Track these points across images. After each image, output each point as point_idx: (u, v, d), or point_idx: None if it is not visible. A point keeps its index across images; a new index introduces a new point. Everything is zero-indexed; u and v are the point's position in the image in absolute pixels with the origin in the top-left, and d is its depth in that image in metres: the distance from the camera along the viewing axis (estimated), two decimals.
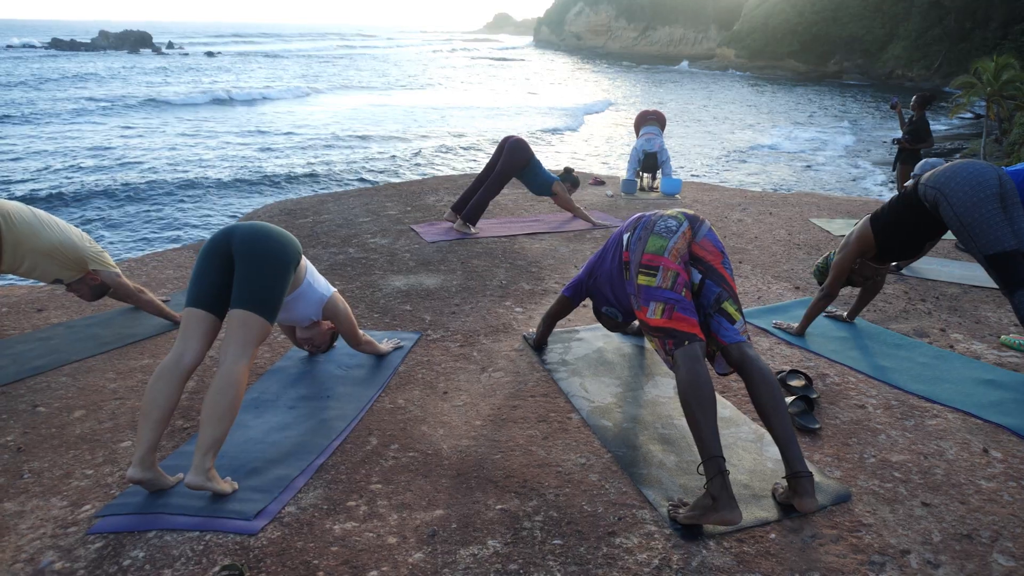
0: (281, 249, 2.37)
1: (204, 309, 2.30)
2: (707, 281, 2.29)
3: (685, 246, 2.29)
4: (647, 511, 2.12)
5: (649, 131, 7.46)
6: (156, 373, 2.22)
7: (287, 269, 2.38)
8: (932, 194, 2.92)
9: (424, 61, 74.15)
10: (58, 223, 3.38)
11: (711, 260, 2.31)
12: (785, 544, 1.96)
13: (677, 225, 2.30)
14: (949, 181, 2.86)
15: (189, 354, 2.26)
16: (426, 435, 2.58)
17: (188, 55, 65.12)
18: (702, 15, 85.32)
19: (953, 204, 2.82)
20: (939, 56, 47.88)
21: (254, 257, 2.30)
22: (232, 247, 2.32)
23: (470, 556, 1.90)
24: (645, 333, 2.32)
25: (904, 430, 2.57)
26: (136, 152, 19.78)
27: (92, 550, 2.00)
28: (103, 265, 3.44)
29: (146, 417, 2.17)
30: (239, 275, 2.29)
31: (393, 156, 20.58)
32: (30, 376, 3.16)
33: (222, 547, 1.96)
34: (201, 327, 2.29)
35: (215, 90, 34.48)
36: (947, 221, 2.90)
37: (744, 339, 2.26)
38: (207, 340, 2.31)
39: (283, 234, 2.44)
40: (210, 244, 2.36)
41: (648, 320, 2.24)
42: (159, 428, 2.17)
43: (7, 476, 2.42)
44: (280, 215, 6.20)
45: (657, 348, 2.26)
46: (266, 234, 2.37)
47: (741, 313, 2.30)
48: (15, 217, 3.20)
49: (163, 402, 2.18)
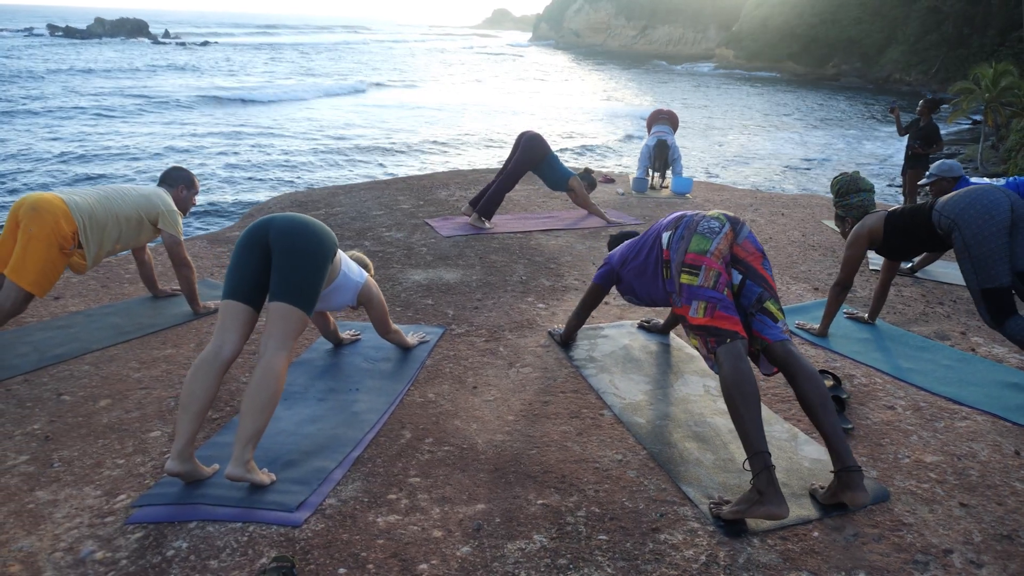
0: (318, 243, 2.36)
1: (242, 301, 2.29)
2: (748, 281, 2.30)
3: (727, 247, 2.30)
4: (688, 508, 2.12)
5: (660, 130, 7.47)
6: (195, 365, 2.21)
7: (325, 262, 2.37)
8: (947, 224, 2.96)
9: (446, 59, 73.36)
10: (124, 188, 3.47)
11: (752, 261, 2.32)
12: (828, 542, 1.97)
13: (720, 226, 2.31)
14: (963, 213, 2.89)
15: (228, 346, 2.25)
16: (460, 429, 2.58)
17: (186, 45, 64.63)
18: (701, 15, 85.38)
19: (965, 236, 2.86)
20: (936, 61, 48.05)
21: (293, 250, 2.29)
22: (270, 239, 2.31)
23: (518, 551, 1.91)
24: (687, 331, 2.33)
25: (935, 432, 2.58)
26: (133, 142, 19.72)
27: (133, 540, 1.99)
28: (168, 226, 3.51)
29: (185, 409, 2.16)
30: (277, 268, 2.28)
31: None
32: (52, 364, 3.14)
33: (267, 538, 1.95)
34: (239, 319, 2.28)
35: (254, 91, 33.74)
36: (956, 250, 2.95)
37: (787, 338, 2.27)
38: (245, 332, 2.30)
39: (320, 227, 2.43)
40: (247, 236, 2.35)
41: (690, 319, 2.25)
42: (198, 420, 2.16)
43: (37, 464, 2.41)
44: (292, 206, 6.17)
45: (699, 347, 2.27)
46: (304, 227, 2.36)
47: (783, 313, 2.31)
48: (84, 204, 3.23)
49: (202, 394, 2.17)
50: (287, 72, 46.26)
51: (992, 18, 43.22)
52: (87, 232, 3.22)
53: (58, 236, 3.10)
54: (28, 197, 3.17)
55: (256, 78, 40.45)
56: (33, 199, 3.14)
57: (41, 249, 3.08)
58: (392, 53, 77.50)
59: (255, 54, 60.24)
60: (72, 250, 3.20)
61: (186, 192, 3.75)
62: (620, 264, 2.86)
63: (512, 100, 37.22)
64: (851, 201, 3.45)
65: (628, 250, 2.82)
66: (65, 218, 3.14)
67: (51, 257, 3.11)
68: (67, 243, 3.15)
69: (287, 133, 22.54)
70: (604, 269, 3.00)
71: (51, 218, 3.09)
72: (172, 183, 3.71)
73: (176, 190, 3.70)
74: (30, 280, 3.07)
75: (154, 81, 35.03)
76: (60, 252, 3.14)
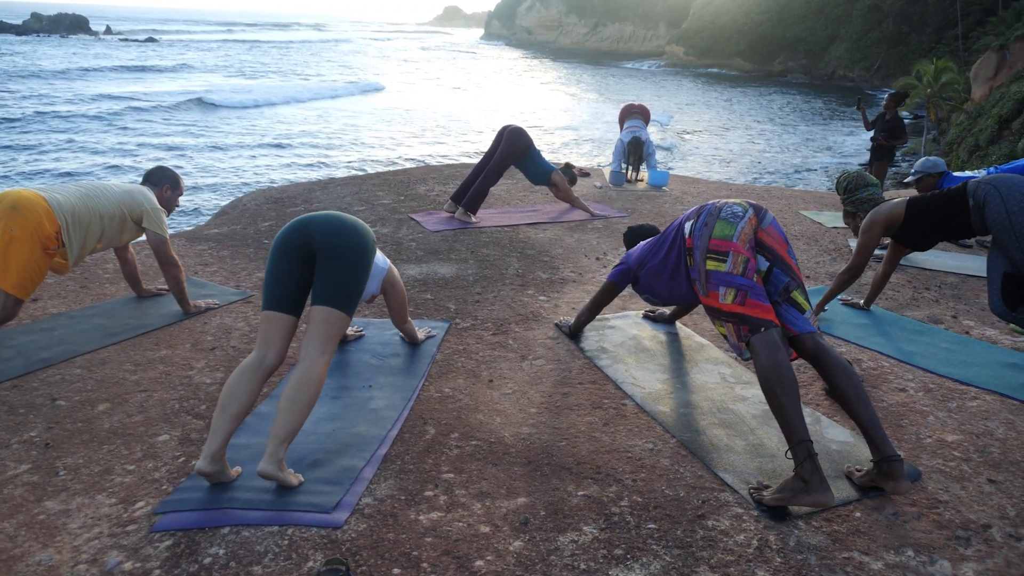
0: (363, 243, 2.31)
1: (284, 312, 2.23)
2: (775, 269, 2.29)
3: (752, 232, 2.29)
4: (728, 494, 2.12)
5: (633, 124, 7.51)
6: (238, 370, 2.15)
7: (370, 261, 2.33)
8: (984, 190, 2.95)
9: (408, 57, 71.83)
10: (107, 185, 3.31)
11: (778, 248, 2.31)
12: (872, 522, 1.99)
13: (743, 211, 2.30)
14: (1008, 182, 2.93)
15: (272, 355, 2.21)
16: (484, 424, 2.53)
17: (129, 41, 62.31)
18: (651, 13, 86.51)
19: (1008, 201, 2.86)
20: (878, 58, 49.71)
21: (340, 254, 2.23)
22: (313, 243, 2.24)
23: (571, 543, 1.88)
24: (713, 318, 2.31)
25: (949, 412, 2.65)
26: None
27: (162, 548, 1.90)
28: (153, 224, 3.36)
29: (223, 410, 2.08)
30: (324, 271, 2.22)
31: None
32: (40, 369, 2.98)
33: (309, 541, 1.88)
34: (282, 330, 2.23)
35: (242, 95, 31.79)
36: (994, 217, 2.90)
37: (815, 329, 2.27)
38: (288, 341, 2.26)
39: (360, 225, 2.37)
40: (286, 241, 2.27)
41: (719, 305, 2.23)
42: (235, 422, 2.09)
43: (41, 473, 2.28)
44: (267, 203, 6.01)
45: (728, 334, 2.24)
46: (346, 227, 2.29)
47: (809, 303, 2.31)
48: (66, 202, 3.07)
49: (244, 396, 2.10)
50: (253, 71, 44.66)
51: (929, 16, 44.92)
52: (70, 232, 3.06)
53: (41, 236, 2.93)
54: (7, 195, 2.98)
55: (218, 77, 38.91)
56: (12, 197, 2.95)
57: (24, 250, 2.90)
58: (361, 52, 75.43)
59: (208, 52, 58.20)
60: (55, 250, 3.03)
61: (171, 192, 3.61)
62: (638, 265, 2.84)
63: (477, 101, 37.02)
64: (861, 196, 3.51)
65: (647, 250, 2.80)
66: (48, 217, 2.97)
67: (34, 258, 2.94)
68: (50, 243, 2.98)
69: (253, 132, 21.92)
70: (621, 268, 2.98)
71: (34, 217, 2.92)
72: (157, 182, 3.56)
73: (160, 189, 3.55)
74: (12, 282, 2.89)
75: (103, 84, 33.08)
76: (43, 253, 2.97)
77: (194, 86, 31.95)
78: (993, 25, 31.29)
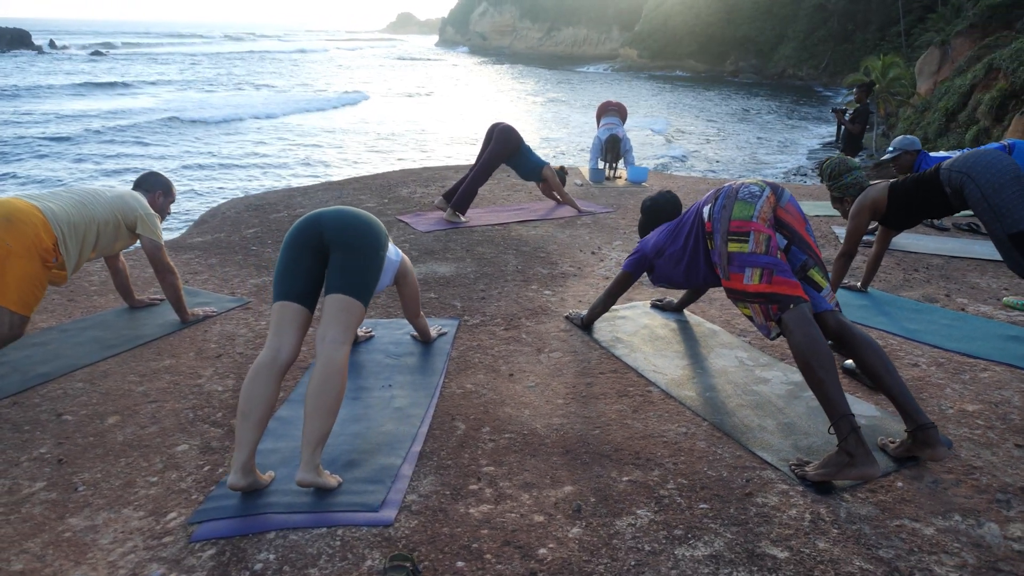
0: (374, 234, 2.28)
1: (298, 303, 2.17)
2: (793, 247, 2.32)
3: (770, 210, 2.31)
4: (770, 471, 2.14)
5: (610, 121, 7.57)
6: (252, 372, 2.06)
7: (383, 252, 2.30)
8: (958, 178, 3.09)
9: (365, 65, 70.55)
10: (98, 190, 3.20)
11: (796, 226, 2.34)
12: (914, 491, 2.03)
13: (760, 191, 2.32)
14: (975, 165, 3.05)
15: (285, 350, 2.12)
16: (513, 416, 2.51)
17: (74, 56, 60.23)
18: (604, 16, 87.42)
19: (981, 186, 2.99)
20: (825, 56, 51.11)
21: (352, 244, 2.19)
22: (324, 236, 2.20)
23: (629, 526, 1.86)
24: (736, 301, 2.32)
25: (964, 383, 2.72)
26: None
27: (206, 558, 1.83)
28: (147, 231, 3.25)
29: (245, 418, 2.00)
30: (337, 262, 2.18)
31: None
32: (39, 384, 2.86)
33: (362, 540, 1.83)
34: (296, 321, 2.16)
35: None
36: (972, 202, 3.06)
37: (833, 307, 2.30)
38: (301, 334, 2.17)
39: (371, 217, 2.34)
40: (298, 235, 2.22)
41: (745, 287, 2.23)
42: (259, 429, 2.02)
43: (59, 490, 2.18)
44: (247, 210, 5.88)
45: (754, 314, 2.25)
46: (357, 219, 2.26)
47: (828, 280, 2.34)
48: (61, 212, 2.94)
49: (263, 401, 2.02)
50: (220, 84, 43.01)
51: (872, 14, 46.37)
52: (67, 243, 2.93)
53: (39, 249, 2.79)
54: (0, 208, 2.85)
55: (170, 91, 37.22)
56: (6, 209, 2.80)
57: (23, 265, 2.75)
58: (331, 62, 73.42)
59: (168, 65, 56.24)
60: (54, 263, 2.91)
61: (163, 199, 3.50)
62: (655, 253, 2.83)
63: (455, 107, 36.83)
64: (846, 181, 3.60)
65: (664, 237, 2.80)
66: (44, 229, 2.83)
67: (34, 272, 2.79)
68: (49, 256, 2.85)
69: (225, 143, 21.32)
70: (635, 256, 2.97)
71: (31, 231, 2.78)
72: (149, 188, 3.45)
73: (153, 196, 3.45)
74: (13, 299, 2.73)
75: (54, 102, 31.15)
76: (43, 266, 2.84)
77: (156, 103, 30.47)
78: (933, 21, 32.43)
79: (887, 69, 26.29)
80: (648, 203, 3.14)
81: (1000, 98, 15.32)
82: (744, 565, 1.70)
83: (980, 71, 17.39)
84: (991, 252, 4.55)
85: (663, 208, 3.06)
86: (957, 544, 1.79)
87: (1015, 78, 15.00)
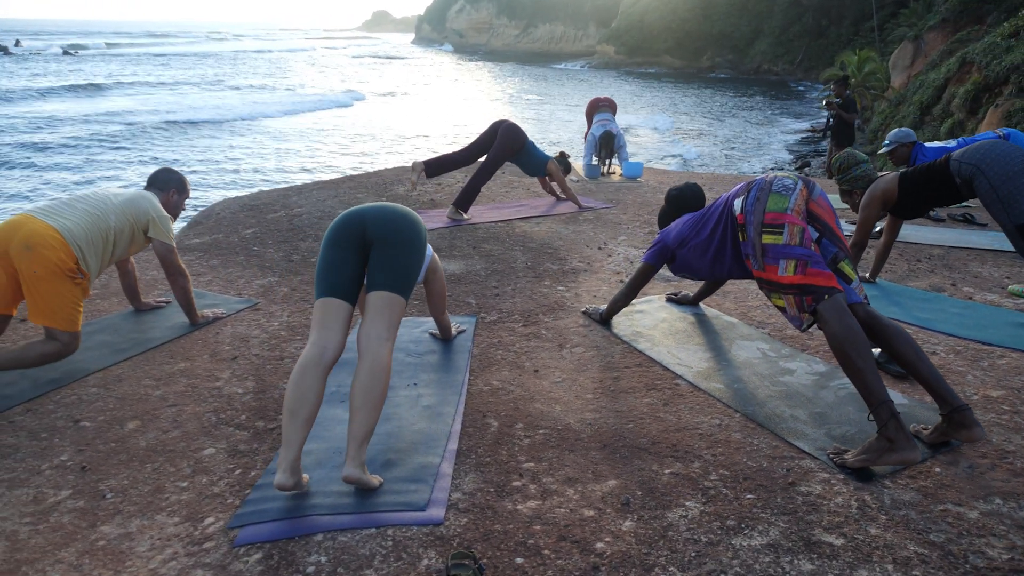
0: (417, 231, 2.28)
1: (341, 298, 2.15)
2: (824, 240, 2.34)
3: (804, 203, 2.33)
4: (809, 461, 2.15)
5: (603, 117, 7.57)
6: (298, 369, 2.03)
7: (423, 248, 2.30)
8: (968, 170, 3.16)
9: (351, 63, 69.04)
10: (108, 196, 3.15)
11: (827, 219, 2.36)
12: (953, 476, 2.05)
13: (793, 184, 2.34)
14: (984, 157, 3.11)
15: (331, 346, 2.10)
16: (544, 412, 2.50)
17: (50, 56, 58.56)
18: (580, 12, 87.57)
19: (990, 177, 3.07)
20: (800, 52, 51.68)
21: (395, 240, 2.19)
22: (367, 232, 2.20)
23: (680, 518, 1.86)
24: (769, 292, 2.33)
25: (984, 370, 2.76)
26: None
27: (253, 562, 1.80)
28: (159, 234, 3.20)
29: (294, 416, 1.97)
30: (380, 259, 2.17)
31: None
32: (52, 390, 2.80)
33: (415, 540, 1.81)
34: (340, 316, 2.14)
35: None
36: (982, 193, 3.15)
37: (862, 299, 2.32)
38: (346, 330, 2.16)
39: (413, 214, 2.34)
40: (341, 231, 2.21)
41: (779, 279, 2.25)
42: (307, 427, 2.00)
43: (86, 498, 2.13)
44: (242, 210, 5.80)
45: (788, 306, 2.27)
46: (401, 216, 2.26)
47: (856, 273, 2.37)
48: (77, 229, 2.90)
49: (312, 397, 2.00)
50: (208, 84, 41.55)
51: (846, 10, 46.96)
52: (87, 259, 2.93)
53: (64, 270, 2.81)
54: (15, 231, 2.78)
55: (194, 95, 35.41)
56: (24, 236, 2.76)
57: (56, 286, 2.79)
58: (316, 62, 71.03)
59: (146, 66, 54.55)
60: (81, 279, 2.90)
61: (177, 196, 3.44)
62: (678, 244, 2.84)
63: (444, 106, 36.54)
64: (855, 174, 3.64)
65: (687, 228, 2.80)
66: (64, 250, 2.82)
67: (66, 291, 2.83)
68: (74, 274, 2.87)
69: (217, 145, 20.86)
70: (657, 248, 2.97)
71: (52, 255, 2.77)
72: (163, 186, 3.39)
73: (167, 194, 3.39)
74: (60, 319, 2.81)
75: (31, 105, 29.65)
76: (72, 284, 2.86)
77: (133, 104, 29.35)
78: (906, 16, 32.89)
79: (863, 63, 26.62)
80: (674, 193, 3.15)
81: (974, 91, 15.56)
82: (803, 553, 1.71)
83: (954, 65, 17.66)
84: (989, 242, 4.63)
85: (688, 200, 3.07)
86: (1003, 527, 1.82)
87: (989, 71, 15.26)
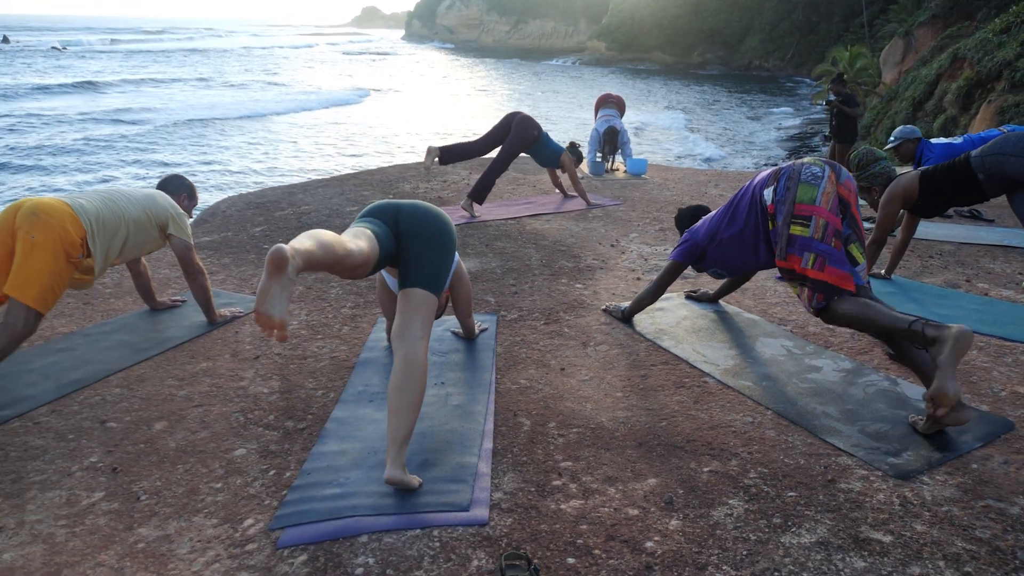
0: (449, 231, 2.29)
1: (374, 233, 2.09)
2: (843, 221, 2.40)
3: (834, 190, 2.38)
4: (845, 458, 2.16)
5: (608, 114, 7.58)
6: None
7: (454, 248, 2.31)
8: (992, 160, 3.19)
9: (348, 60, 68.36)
10: (127, 190, 3.12)
11: (850, 200, 2.42)
12: (989, 471, 2.07)
13: (821, 171, 2.39)
14: (1005, 144, 3.15)
15: (356, 250, 1.94)
16: (576, 411, 2.50)
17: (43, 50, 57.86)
18: (571, 9, 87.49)
19: (1021, 156, 3.08)
20: (790, 48, 51.86)
21: (428, 238, 2.19)
22: (400, 224, 2.19)
23: (726, 516, 1.87)
24: (790, 279, 2.46)
25: (1009, 366, 2.78)
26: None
27: (299, 565, 1.79)
28: (179, 230, 3.19)
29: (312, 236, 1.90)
30: (413, 254, 2.17)
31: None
32: (75, 391, 2.77)
33: (462, 541, 1.80)
34: (369, 236, 2.06)
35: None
36: (1015, 173, 3.16)
37: (865, 283, 2.40)
38: (374, 247, 2.08)
39: (446, 217, 2.33)
40: (376, 212, 2.22)
41: (800, 269, 2.39)
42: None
43: (120, 500, 2.12)
44: (248, 208, 5.76)
45: (800, 293, 2.42)
46: (436, 214, 2.27)
47: (864, 256, 2.42)
48: (90, 207, 2.86)
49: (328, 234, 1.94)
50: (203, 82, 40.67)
51: (836, 5, 47.14)
52: (95, 237, 2.84)
53: (65, 243, 2.70)
54: (25, 201, 2.74)
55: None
56: (32, 203, 2.72)
57: (47, 259, 2.66)
58: (325, 60, 70.16)
59: (140, 62, 53.58)
60: (80, 259, 2.80)
61: (187, 202, 3.45)
62: (708, 240, 2.86)
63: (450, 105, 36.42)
64: (874, 171, 3.65)
65: (717, 224, 2.82)
66: (72, 222, 2.75)
67: (57, 268, 2.69)
68: (75, 251, 2.75)
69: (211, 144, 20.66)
70: (686, 245, 2.98)
71: (56, 224, 2.69)
72: (174, 191, 3.37)
73: (178, 198, 3.37)
74: (33, 295, 2.63)
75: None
76: (67, 262, 2.73)
77: (125, 102, 28.83)
78: (896, 12, 33.07)
79: (855, 59, 26.78)
80: (679, 213, 3.32)
81: (967, 87, 15.66)
82: (854, 550, 1.71)
83: (945, 61, 17.75)
84: (998, 238, 4.66)
85: (697, 209, 3.21)
86: None
87: (981, 67, 15.36)
